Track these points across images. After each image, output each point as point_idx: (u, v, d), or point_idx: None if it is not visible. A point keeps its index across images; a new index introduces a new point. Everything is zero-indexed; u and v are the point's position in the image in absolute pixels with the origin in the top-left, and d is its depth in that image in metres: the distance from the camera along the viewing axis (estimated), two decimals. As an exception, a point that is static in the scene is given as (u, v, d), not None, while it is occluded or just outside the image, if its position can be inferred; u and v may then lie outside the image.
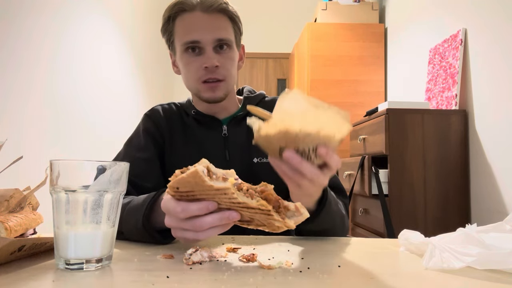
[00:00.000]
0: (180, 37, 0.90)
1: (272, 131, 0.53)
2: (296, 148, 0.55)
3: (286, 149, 0.55)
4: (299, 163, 0.55)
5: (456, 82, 2.04)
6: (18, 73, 1.61)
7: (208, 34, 0.87)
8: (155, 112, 1.00)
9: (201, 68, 0.88)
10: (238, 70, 0.99)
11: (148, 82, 3.46)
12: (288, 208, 0.54)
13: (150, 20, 3.44)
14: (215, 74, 0.89)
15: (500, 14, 1.79)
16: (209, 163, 0.53)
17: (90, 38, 2.29)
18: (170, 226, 0.58)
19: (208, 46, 0.88)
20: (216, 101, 0.93)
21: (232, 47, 0.92)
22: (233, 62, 0.93)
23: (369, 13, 3.26)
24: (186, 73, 0.92)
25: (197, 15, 0.88)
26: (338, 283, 0.47)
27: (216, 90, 0.91)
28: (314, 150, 0.55)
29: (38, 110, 1.76)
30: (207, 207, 0.53)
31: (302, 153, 0.55)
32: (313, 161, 0.56)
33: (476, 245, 0.53)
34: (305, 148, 0.55)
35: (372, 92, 3.19)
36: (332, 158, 0.56)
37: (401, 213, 1.89)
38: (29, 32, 1.68)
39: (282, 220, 0.53)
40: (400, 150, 1.91)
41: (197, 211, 0.53)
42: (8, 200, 0.69)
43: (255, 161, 0.94)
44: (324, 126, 0.52)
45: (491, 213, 1.80)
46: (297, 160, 0.55)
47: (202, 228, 0.54)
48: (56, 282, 0.45)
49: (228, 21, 0.91)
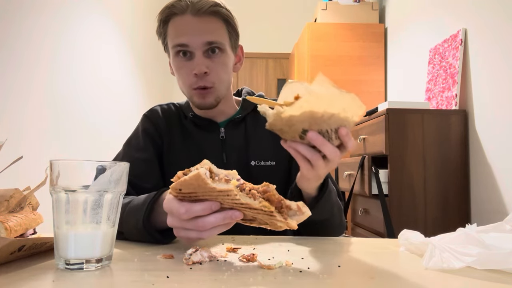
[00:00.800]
0: (171, 40, 0.88)
1: (297, 112, 0.54)
2: (318, 129, 0.57)
3: (310, 130, 0.57)
4: (323, 143, 0.58)
5: (456, 82, 2.04)
6: (18, 73, 1.61)
7: (197, 38, 0.85)
8: (154, 112, 1.00)
9: (191, 74, 0.87)
10: (236, 71, 0.98)
11: (148, 82, 3.46)
12: (290, 207, 0.55)
13: (150, 20, 3.44)
14: (204, 82, 0.87)
15: (500, 14, 1.79)
16: (211, 164, 0.53)
17: (90, 38, 2.29)
18: (173, 226, 0.58)
19: (197, 50, 0.86)
20: (207, 108, 0.92)
21: (224, 51, 0.89)
22: (225, 66, 0.90)
23: (369, 13, 3.26)
24: (178, 77, 0.91)
25: (187, 19, 0.86)
26: (338, 283, 0.47)
27: (205, 97, 0.89)
28: (335, 131, 0.58)
29: (38, 110, 1.76)
30: (210, 207, 0.53)
31: (323, 134, 0.58)
32: (332, 141, 0.59)
33: (476, 245, 0.53)
34: (327, 129, 0.57)
35: (372, 92, 3.19)
36: (350, 140, 0.60)
37: (401, 213, 1.89)
38: (29, 32, 1.68)
39: (284, 220, 0.53)
40: (400, 150, 1.91)
41: (201, 211, 0.54)
42: (8, 200, 0.69)
43: (253, 164, 0.94)
44: (345, 106, 0.55)
45: (491, 213, 1.80)
46: (321, 141, 0.57)
47: (205, 228, 0.55)
48: (56, 282, 0.45)
49: (220, 23, 0.88)
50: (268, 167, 0.94)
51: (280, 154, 0.90)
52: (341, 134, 0.58)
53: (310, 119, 0.55)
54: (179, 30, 0.87)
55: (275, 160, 0.95)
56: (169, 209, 0.57)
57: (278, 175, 0.95)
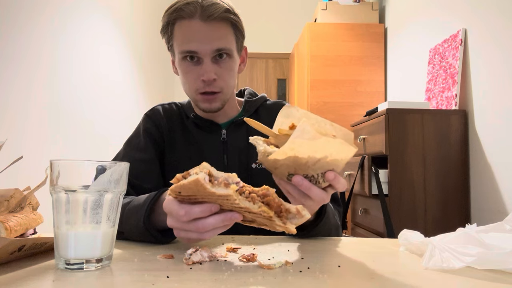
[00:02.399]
0: (178, 44, 0.87)
1: (281, 157, 0.54)
2: (304, 174, 0.57)
3: (295, 175, 0.57)
4: (308, 188, 0.57)
5: (456, 82, 2.04)
6: (18, 73, 1.61)
7: (207, 45, 0.84)
8: (155, 112, 1.00)
9: (198, 79, 0.86)
10: (240, 72, 0.97)
11: (148, 81, 3.46)
12: (289, 211, 0.55)
13: (150, 20, 3.44)
14: (212, 87, 0.87)
15: (500, 14, 1.79)
16: (210, 167, 0.53)
17: (90, 38, 2.29)
18: (173, 227, 0.58)
19: (206, 57, 0.85)
20: (213, 112, 0.91)
21: (232, 56, 0.88)
22: (232, 72, 0.90)
23: (369, 13, 3.26)
24: (184, 81, 0.90)
25: (196, 24, 0.83)
26: (338, 283, 0.47)
27: (212, 102, 0.89)
28: (322, 174, 0.57)
29: (38, 110, 1.76)
30: (209, 209, 0.53)
31: (310, 178, 0.57)
32: (320, 184, 0.58)
33: (476, 245, 0.53)
34: (313, 173, 0.57)
35: (372, 92, 3.19)
36: (339, 183, 0.58)
37: (401, 213, 1.89)
38: (29, 32, 1.68)
39: (283, 225, 0.53)
40: (400, 150, 1.91)
41: (200, 213, 0.54)
42: (8, 200, 0.69)
43: (253, 166, 0.94)
44: (332, 151, 0.54)
45: (491, 213, 1.80)
46: (306, 186, 0.57)
47: (205, 230, 0.55)
48: (56, 282, 0.45)
49: (229, 29, 0.87)
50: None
51: None
52: (328, 179, 0.57)
53: (294, 164, 0.55)
54: (187, 36, 0.85)
55: None
56: (169, 211, 0.57)
57: None
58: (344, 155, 0.56)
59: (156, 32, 1.08)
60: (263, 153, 0.57)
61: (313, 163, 0.55)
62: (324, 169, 0.57)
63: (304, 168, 0.56)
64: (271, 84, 4.68)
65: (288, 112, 0.63)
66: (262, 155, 0.58)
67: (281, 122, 0.63)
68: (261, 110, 1.01)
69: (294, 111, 0.62)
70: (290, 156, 0.54)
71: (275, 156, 0.55)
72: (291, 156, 0.54)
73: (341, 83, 3.20)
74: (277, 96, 4.65)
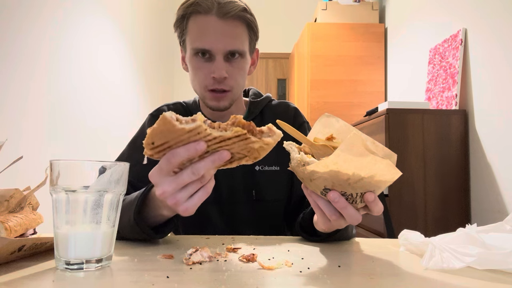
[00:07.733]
0: (192, 40, 0.85)
1: (321, 170, 0.51)
2: (342, 191, 0.53)
3: (332, 190, 0.53)
4: (344, 207, 0.53)
5: (456, 82, 2.04)
6: (17, 73, 1.61)
7: (220, 44, 0.82)
8: (161, 112, 0.98)
9: (209, 76, 0.85)
10: (249, 74, 0.96)
11: (148, 82, 3.46)
12: (262, 131, 0.52)
13: (150, 20, 3.44)
14: (222, 85, 0.86)
15: (500, 14, 1.79)
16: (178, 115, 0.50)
17: (90, 38, 2.29)
18: (164, 194, 0.52)
19: (218, 54, 0.84)
20: (220, 110, 0.91)
21: (244, 56, 0.88)
22: (243, 71, 0.89)
23: (369, 13, 3.26)
24: (194, 77, 0.89)
25: (211, 20, 0.82)
26: (338, 283, 0.47)
27: (221, 100, 0.88)
28: (361, 194, 0.54)
29: (38, 110, 1.76)
30: (194, 147, 0.49)
31: (347, 196, 0.54)
32: (357, 204, 0.55)
33: (476, 245, 0.53)
34: (352, 192, 0.53)
35: (372, 92, 3.19)
36: (377, 206, 0.54)
37: (401, 213, 1.89)
38: (28, 32, 1.68)
39: (259, 139, 0.51)
40: (400, 150, 1.91)
41: (185, 151, 0.49)
42: (8, 200, 0.69)
43: (257, 169, 0.93)
44: (378, 172, 0.50)
45: (491, 213, 1.80)
46: (342, 204, 0.53)
47: (200, 174, 0.51)
48: (56, 282, 0.45)
49: (244, 29, 0.86)
50: (272, 172, 0.94)
51: (284, 159, 0.89)
52: (368, 200, 0.53)
53: (334, 179, 0.51)
54: (202, 32, 0.83)
55: (279, 165, 0.94)
56: (155, 171, 0.52)
57: (282, 180, 0.94)
58: (389, 177, 0.51)
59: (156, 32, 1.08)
60: (299, 161, 0.54)
61: (355, 181, 0.51)
62: (365, 189, 0.53)
63: (344, 185, 0.52)
64: (271, 84, 4.68)
65: (327, 122, 0.60)
66: (297, 163, 0.54)
67: (318, 131, 0.60)
68: (266, 110, 1.01)
69: (333, 121, 0.59)
70: (332, 170, 0.50)
71: (315, 168, 0.51)
72: (333, 170, 0.50)
73: (341, 83, 3.20)
74: (277, 96, 4.65)
